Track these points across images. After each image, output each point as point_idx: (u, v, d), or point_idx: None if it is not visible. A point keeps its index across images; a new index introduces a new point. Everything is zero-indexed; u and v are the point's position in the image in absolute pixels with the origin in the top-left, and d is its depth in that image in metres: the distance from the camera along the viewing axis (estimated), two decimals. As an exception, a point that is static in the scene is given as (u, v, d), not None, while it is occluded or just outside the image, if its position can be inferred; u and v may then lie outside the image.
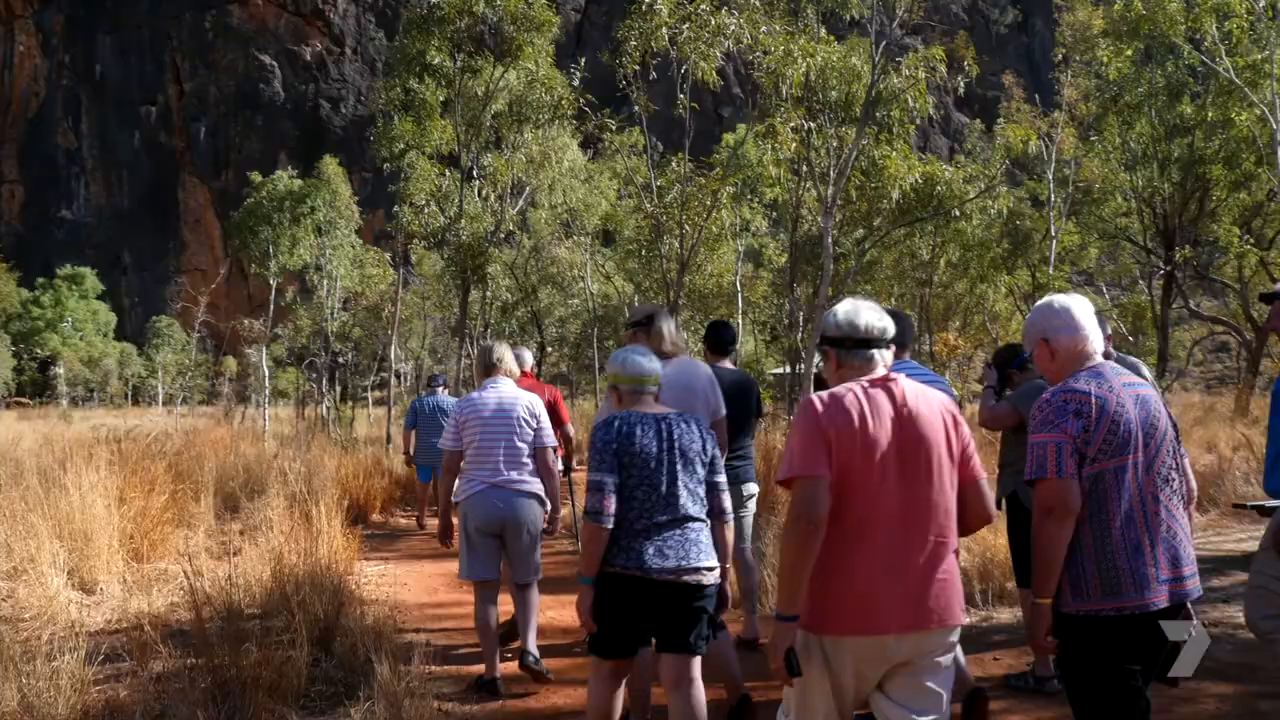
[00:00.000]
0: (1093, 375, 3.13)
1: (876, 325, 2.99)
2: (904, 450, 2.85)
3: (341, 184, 31.11)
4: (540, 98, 16.29)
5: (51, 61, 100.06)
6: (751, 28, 12.70)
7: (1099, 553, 3.01)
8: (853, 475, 2.80)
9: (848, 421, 2.82)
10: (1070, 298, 3.29)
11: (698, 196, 13.86)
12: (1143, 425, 3.07)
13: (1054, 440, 3.02)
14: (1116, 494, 3.01)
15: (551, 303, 37.91)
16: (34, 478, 10.13)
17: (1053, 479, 3.00)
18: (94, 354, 75.58)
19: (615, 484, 3.74)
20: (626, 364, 4.00)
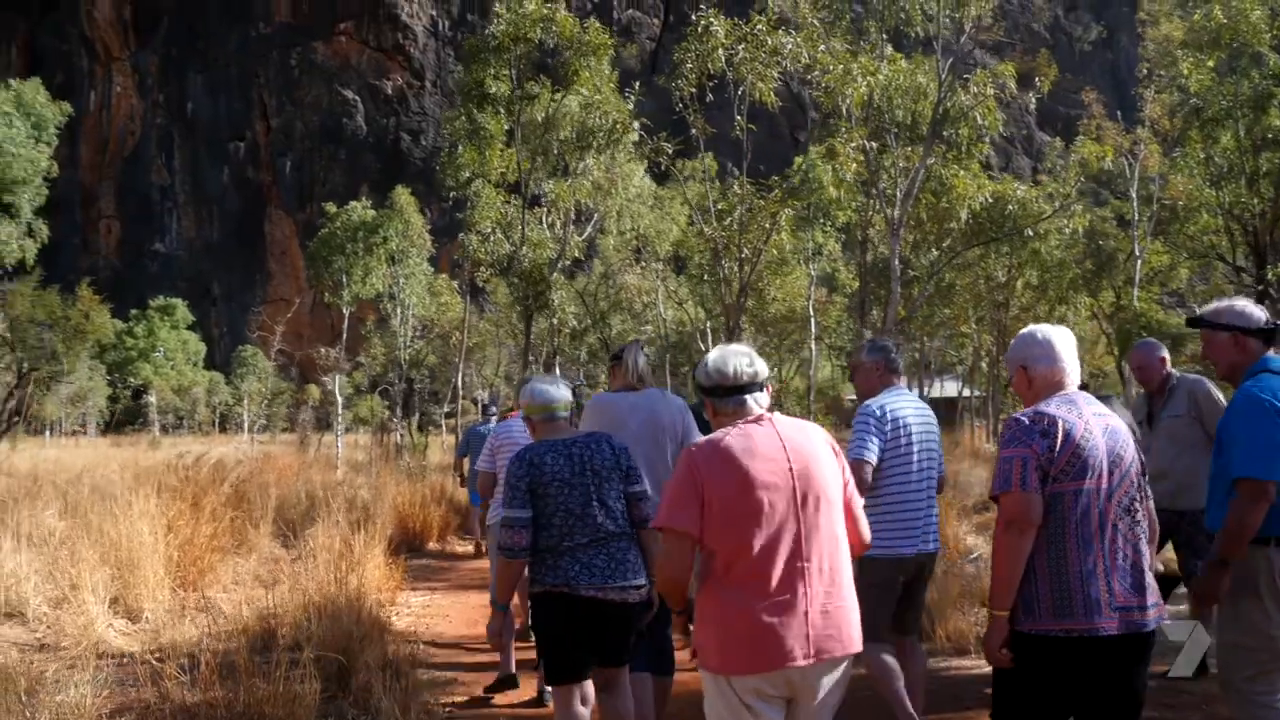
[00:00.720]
0: (1064, 401, 3.20)
1: (746, 371, 3.06)
2: (790, 484, 2.90)
3: (414, 214, 31.48)
4: (596, 122, 16.20)
5: (146, 101, 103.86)
6: (809, 47, 12.43)
7: (1053, 574, 3.05)
8: (737, 514, 2.85)
9: (725, 462, 2.89)
10: (1053, 330, 3.36)
11: (757, 219, 13.59)
12: (1108, 454, 3.11)
13: (1019, 455, 3.08)
14: (1074, 517, 3.06)
15: (625, 329, 37.90)
16: (88, 504, 10.29)
17: (1017, 492, 3.05)
18: (184, 383, 77.72)
19: (528, 518, 3.91)
20: (534, 395, 4.22)
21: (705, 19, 12.93)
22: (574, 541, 3.91)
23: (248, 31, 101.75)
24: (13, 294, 43.95)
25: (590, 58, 17.04)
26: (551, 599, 3.92)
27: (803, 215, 29.14)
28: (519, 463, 3.98)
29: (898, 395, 4.76)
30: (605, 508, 3.97)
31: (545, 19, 16.91)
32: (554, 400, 4.19)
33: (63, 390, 58.54)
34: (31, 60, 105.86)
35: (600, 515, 3.95)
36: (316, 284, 28.80)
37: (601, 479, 4.00)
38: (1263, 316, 3.83)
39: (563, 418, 4.20)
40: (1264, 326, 3.82)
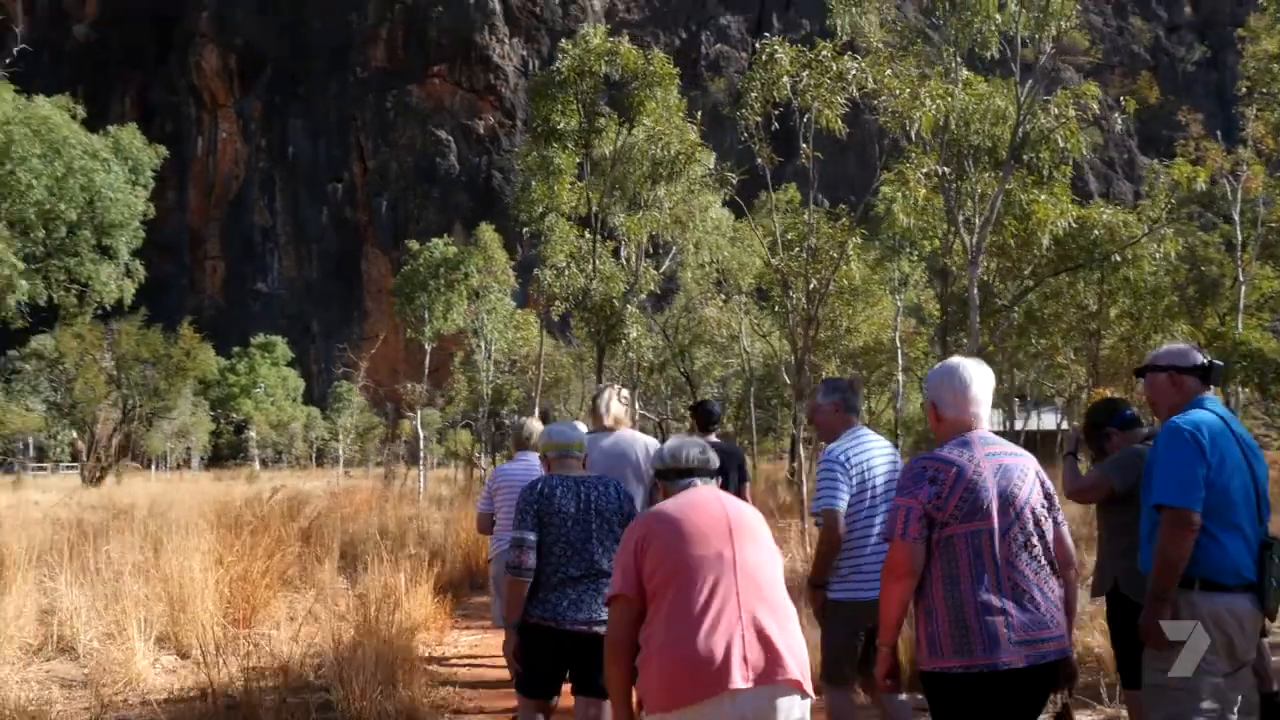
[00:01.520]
0: (959, 444, 3.30)
1: (698, 458, 3.28)
2: (725, 529, 3.06)
3: (498, 249, 31.80)
4: (659, 153, 16.08)
5: (250, 146, 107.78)
6: (875, 71, 12.11)
7: (952, 612, 3.15)
8: (674, 562, 2.99)
9: (661, 520, 3.09)
10: (973, 368, 3.42)
11: (825, 248, 13.27)
12: (1000, 494, 3.19)
13: (904, 505, 3.22)
14: (968, 557, 3.17)
15: (710, 363, 37.61)
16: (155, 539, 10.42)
17: (898, 540, 3.20)
18: (283, 418, 79.77)
19: (534, 540, 4.12)
20: (552, 434, 4.52)
21: (770, 46, 12.73)
22: (567, 574, 4.12)
23: (346, 77, 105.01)
24: (118, 333, 45.71)
25: (656, 89, 16.96)
26: (539, 632, 4.11)
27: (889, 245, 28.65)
28: (531, 490, 4.25)
29: (859, 439, 4.70)
30: (603, 547, 4.17)
31: (610, 52, 16.92)
32: (570, 440, 4.48)
33: (167, 425, 60.52)
34: (144, 110, 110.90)
35: (598, 553, 4.17)
36: (400, 320, 29.22)
37: (604, 519, 4.23)
38: (1200, 357, 3.85)
39: (576, 457, 4.47)
40: (1199, 365, 3.82)
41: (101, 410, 46.79)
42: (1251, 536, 3.55)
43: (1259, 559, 3.52)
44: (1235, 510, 3.54)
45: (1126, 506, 4.40)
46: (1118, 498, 4.54)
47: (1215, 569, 3.48)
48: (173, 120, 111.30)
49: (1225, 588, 3.47)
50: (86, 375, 46.02)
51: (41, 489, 40.01)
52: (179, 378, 47.96)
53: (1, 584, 8.99)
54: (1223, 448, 3.58)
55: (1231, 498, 3.54)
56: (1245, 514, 3.56)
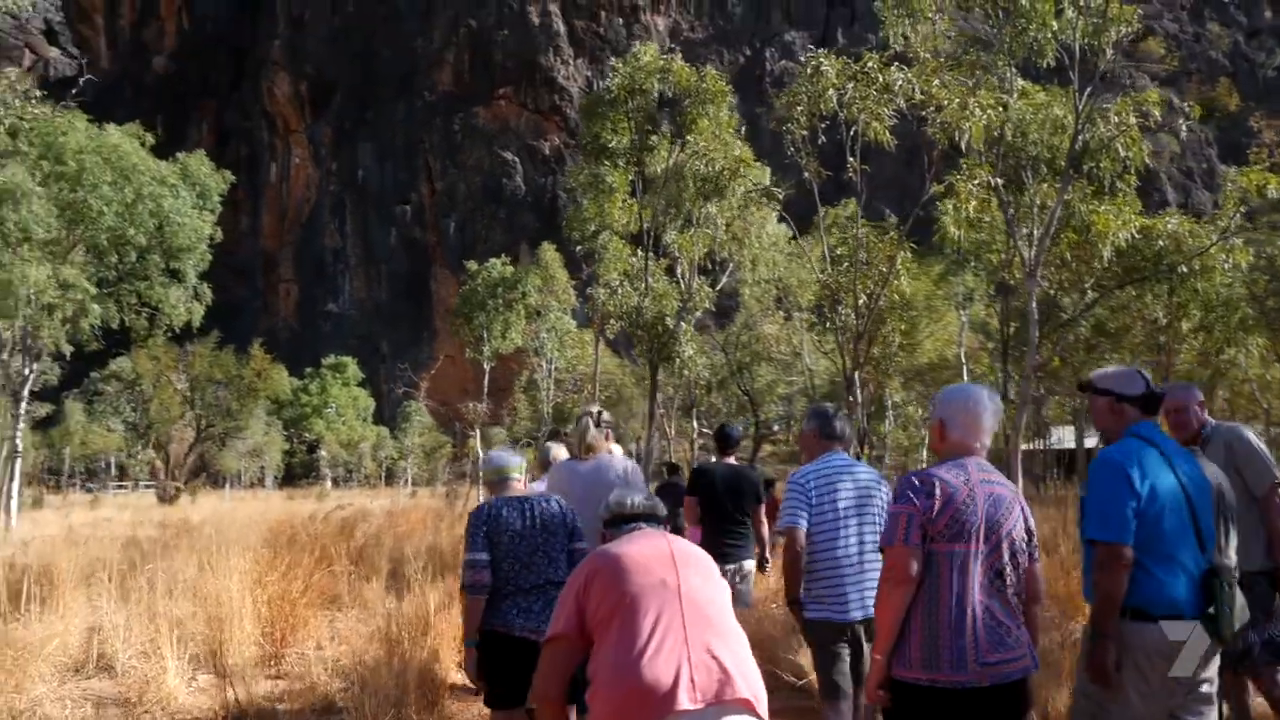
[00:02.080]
0: (955, 465, 3.39)
1: (643, 504, 3.30)
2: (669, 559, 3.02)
3: (559, 268, 31.92)
4: (703, 169, 15.96)
5: (321, 170, 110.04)
6: (922, 82, 11.87)
7: (925, 628, 3.27)
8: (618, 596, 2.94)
9: (605, 558, 3.04)
10: (986, 397, 3.52)
11: (874, 262, 13.01)
12: (986, 521, 3.29)
13: (905, 512, 3.29)
14: (948, 577, 3.26)
15: (773, 380, 37.28)
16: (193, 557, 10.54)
17: (899, 546, 3.27)
18: (353, 437, 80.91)
19: (487, 560, 4.45)
20: (489, 461, 4.89)
21: (815, 59, 12.57)
22: (517, 586, 4.44)
23: (413, 101, 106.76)
24: (192, 355, 46.86)
25: (709, 105, 16.86)
26: (494, 639, 4.43)
27: (951, 259, 28.14)
28: (479, 514, 4.57)
29: (826, 463, 4.80)
30: (549, 559, 4.51)
31: (662, 69, 16.86)
32: (507, 465, 4.82)
33: (241, 445, 61.71)
34: (219, 137, 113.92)
35: (544, 564, 4.49)
36: (459, 339, 29.45)
37: (549, 533, 4.56)
38: (1142, 384, 3.78)
39: (515, 480, 4.80)
40: (1141, 394, 3.77)
41: (176, 430, 48.01)
42: (1192, 568, 3.51)
43: (1207, 588, 3.48)
44: (1168, 542, 3.51)
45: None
46: None
47: (1147, 600, 3.47)
48: (247, 146, 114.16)
49: (1159, 619, 3.46)
50: (162, 396, 47.29)
51: (118, 507, 41.07)
52: (250, 398, 49.01)
53: (50, 602, 9.16)
54: (1155, 479, 3.55)
55: (1164, 530, 3.52)
56: (1182, 546, 3.52)
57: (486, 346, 27.19)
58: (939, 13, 15.65)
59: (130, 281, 26.40)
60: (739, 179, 16.17)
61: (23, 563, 12.62)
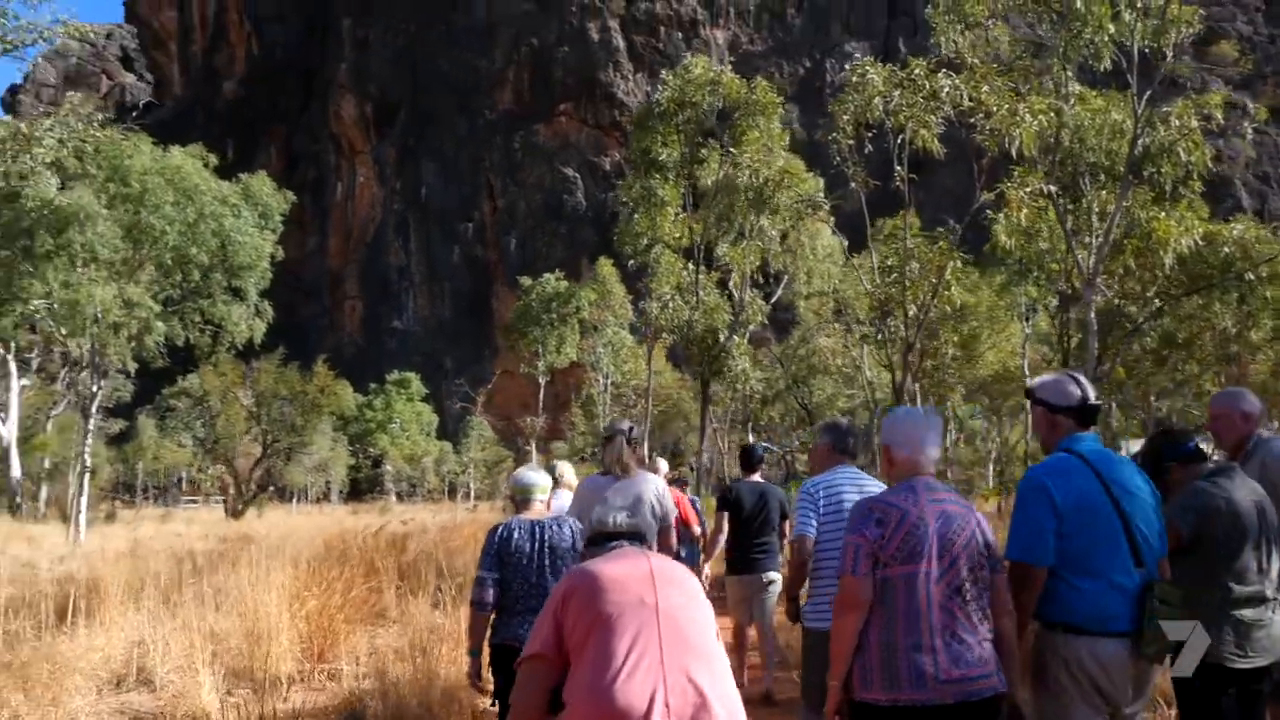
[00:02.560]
0: (905, 488, 3.45)
1: (626, 523, 3.31)
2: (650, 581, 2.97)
3: (615, 283, 31.94)
4: (745, 179, 15.81)
5: (385, 189, 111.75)
6: (970, 88, 11.61)
7: (884, 649, 3.31)
8: (595, 616, 2.90)
9: (585, 576, 3.00)
10: (920, 414, 3.60)
11: (924, 273, 12.74)
12: (939, 538, 3.32)
13: (853, 543, 3.37)
14: (905, 598, 3.30)
15: (834, 393, 36.86)
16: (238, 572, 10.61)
17: (848, 576, 3.35)
18: (417, 452, 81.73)
19: (495, 579, 4.66)
20: (517, 479, 5.03)
21: (861, 67, 12.37)
22: (526, 605, 4.60)
23: (474, 119, 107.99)
24: (258, 371, 47.66)
25: (759, 117, 16.72)
26: (505, 651, 4.54)
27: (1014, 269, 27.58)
28: (493, 535, 4.78)
29: (835, 474, 4.92)
30: (557, 579, 4.43)
31: (712, 82, 16.76)
32: (532, 485, 4.98)
33: (307, 460, 62.60)
34: (288, 159, 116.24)
35: (551, 585, 4.50)
36: (515, 354, 29.58)
37: (557, 555, 4.72)
38: (1078, 395, 3.72)
39: (538, 500, 4.96)
40: (1076, 405, 3.72)
41: (242, 445, 48.78)
42: (1124, 583, 3.48)
43: (1140, 603, 3.46)
44: (1095, 558, 3.49)
45: (1195, 555, 3.93)
46: (1184, 545, 3.96)
47: (1075, 614, 3.49)
48: (314, 168, 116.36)
49: (1087, 632, 3.48)
50: (228, 412, 48.08)
51: (187, 521, 41.89)
52: (315, 414, 49.57)
53: (97, 615, 9.28)
54: (1080, 496, 3.52)
55: (1090, 546, 3.50)
56: (1112, 561, 3.50)
57: (541, 362, 27.26)
58: (992, 18, 15.35)
59: (194, 300, 26.95)
60: (784, 190, 15.96)
61: (79, 575, 12.86)
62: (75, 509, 26.24)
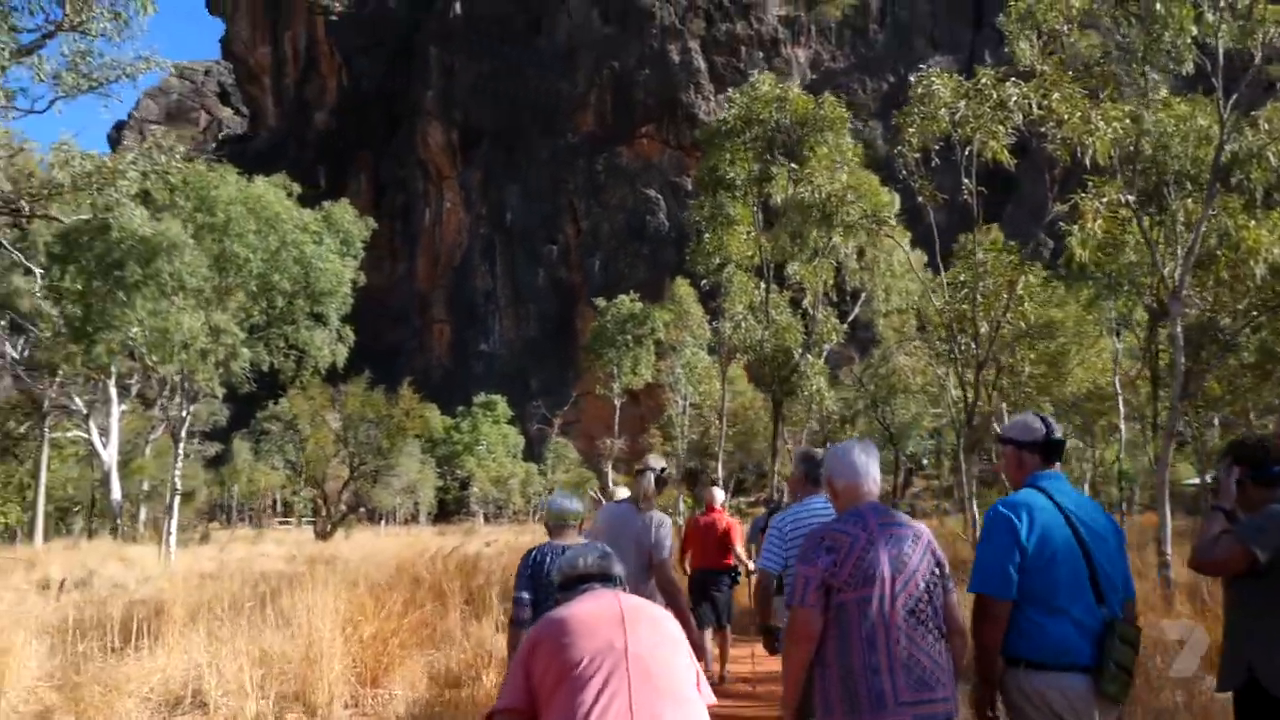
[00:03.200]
0: (853, 516, 3.55)
1: (596, 564, 3.24)
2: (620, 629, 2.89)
3: (693, 303, 31.80)
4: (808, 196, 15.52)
5: (471, 214, 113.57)
6: (1039, 96, 11.22)
7: (842, 673, 3.37)
8: (565, 668, 2.81)
9: (553, 623, 2.92)
10: (859, 448, 3.73)
11: (994, 289, 12.33)
12: (890, 563, 3.40)
13: (804, 574, 3.45)
14: (859, 622, 3.37)
15: (919, 413, 36.11)
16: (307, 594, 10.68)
17: (798, 607, 3.43)
18: (503, 474, 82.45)
19: (530, 599, 4.95)
20: (551, 505, 5.35)
21: (926, 79, 12.06)
22: None
23: (557, 143, 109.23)
24: (345, 395, 48.62)
25: (827, 133, 16.47)
26: None
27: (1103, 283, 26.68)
28: (526, 559, 5.15)
29: (804, 507, 5.06)
30: None
31: (778, 99, 16.58)
32: (565, 512, 5.29)
33: (395, 482, 63.61)
34: (377, 186, 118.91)
35: None
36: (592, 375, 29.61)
37: None
38: (1041, 431, 3.79)
39: (571, 526, 5.28)
40: (1040, 441, 3.79)
41: (331, 468, 49.82)
42: (1085, 619, 3.52)
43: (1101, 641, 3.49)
44: (1058, 594, 3.52)
45: (1267, 580, 3.69)
46: (1259, 569, 3.72)
47: (1038, 650, 3.51)
48: (403, 194, 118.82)
49: (1048, 667, 3.51)
50: (316, 436, 49.16)
51: (277, 542, 42.82)
52: (400, 436, 50.39)
53: (162, 637, 9.42)
54: (1044, 531, 3.56)
55: (1053, 582, 3.52)
56: (1074, 597, 3.53)
57: (616, 383, 27.22)
58: (1068, 23, 14.87)
59: (278, 325, 27.54)
60: (848, 206, 15.65)
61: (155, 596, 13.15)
62: (165, 531, 26.95)
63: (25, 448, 42.88)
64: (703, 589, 10.03)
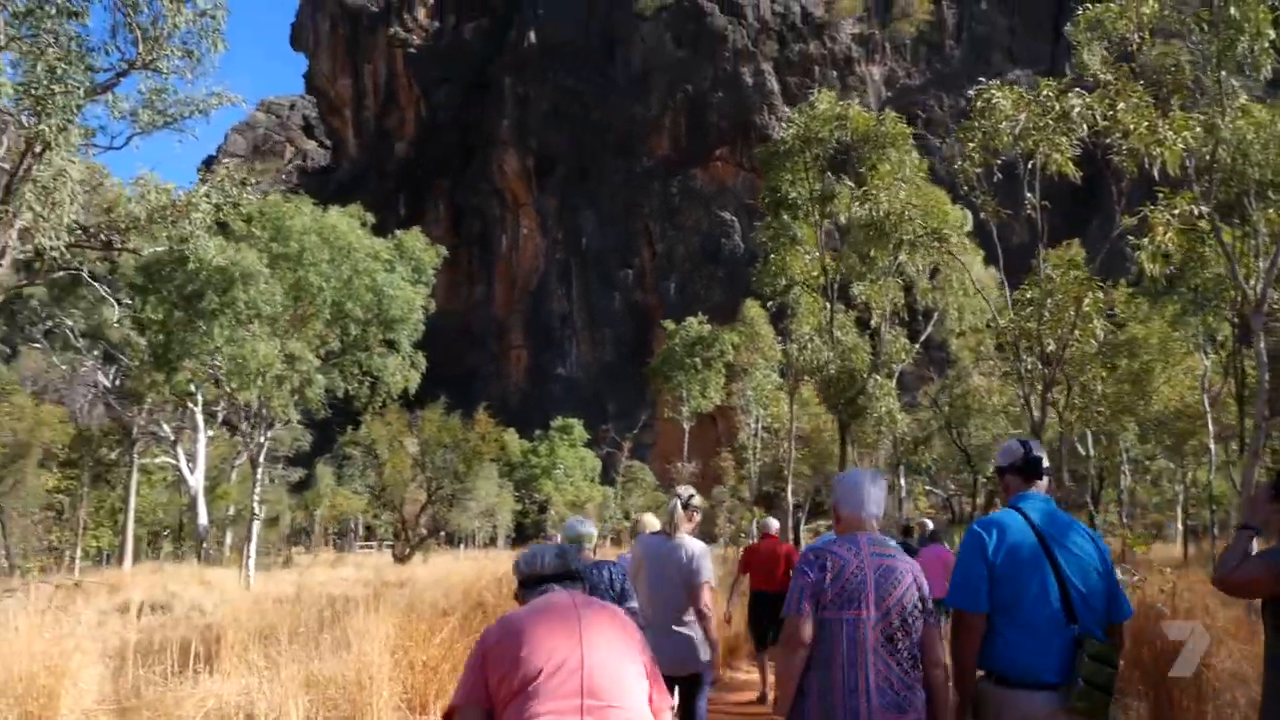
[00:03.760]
0: (849, 540, 3.75)
1: (553, 564, 3.28)
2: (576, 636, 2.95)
3: (764, 325, 31.58)
4: (864, 214, 15.24)
5: (548, 239, 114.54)
6: (1103, 106, 10.87)
7: (821, 691, 3.54)
8: (521, 679, 2.86)
9: (510, 630, 2.97)
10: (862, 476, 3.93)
11: (1061, 305, 11.94)
12: (876, 589, 3.59)
13: (799, 585, 3.65)
14: (841, 641, 3.55)
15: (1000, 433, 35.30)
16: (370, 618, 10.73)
17: (792, 615, 3.62)
18: (579, 497, 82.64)
19: None
20: (567, 528, 5.70)
21: (986, 92, 11.78)
22: None
23: (632, 168, 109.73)
24: (421, 420, 49.29)
25: (889, 150, 16.21)
26: None
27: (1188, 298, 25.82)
28: None
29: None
30: None
31: (838, 117, 16.37)
32: (580, 534, 5.61)
33: (473, 505, 64.20)
34: (454, 214, 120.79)
35: None
36: (660, 399, 29.52)
37: (599, 594, 5.23)
38: (1020, 453, 3.91)
39: (587, 547, 5.60)
40: (1019, 463, 3.93)
41: (409, 492, 50.47)
42: (1054, 635, 3.59)
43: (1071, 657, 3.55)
44: (1025, 610, 3.62)
45: None
46: None
47: (1004, 664, 3.64)
48: (480, 221, 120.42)
49: (1013, 684, 3.61)
50: (394, 461, 49.87)
51: (356, 566, 43.48)
52: (476, 460, 50.89)
53: (218, 662, 9.53)
54: (1012, 548, 3.67)
55: (1020, 598, 3.63)
56: (1041, 613, 3.61)
57: (685, 406, 27.08)
58: (1139, 31, 14.44)
59: (352, 352, 28.04)
60: (907, 223, 15.33)
61: (219, 621, 13.35)
62: (245, 555, 27.50)
63: (116, 474, 44.27)
64: (760, 610, 10.72)
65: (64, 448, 39.83)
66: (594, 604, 3.13)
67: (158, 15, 14.90)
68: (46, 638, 7.98)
